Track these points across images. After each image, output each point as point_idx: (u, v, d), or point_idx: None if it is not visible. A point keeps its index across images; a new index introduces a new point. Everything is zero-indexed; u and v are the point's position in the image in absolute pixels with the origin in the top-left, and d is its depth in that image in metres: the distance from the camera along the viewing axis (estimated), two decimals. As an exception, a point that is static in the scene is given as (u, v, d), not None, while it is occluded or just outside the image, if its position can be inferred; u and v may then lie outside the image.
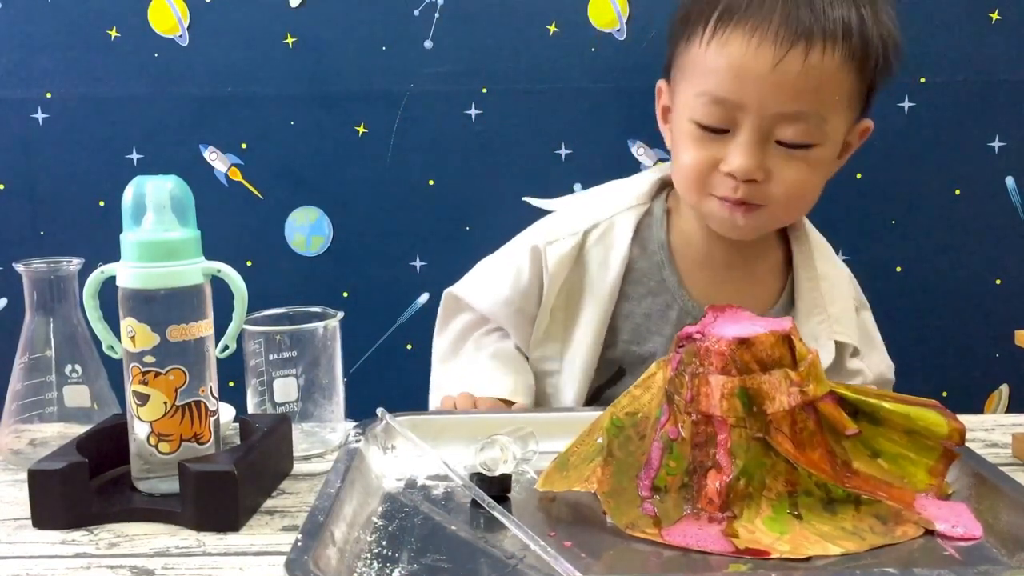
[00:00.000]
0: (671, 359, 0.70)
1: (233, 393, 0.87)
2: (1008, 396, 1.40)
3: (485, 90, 1.34)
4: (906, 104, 1.33)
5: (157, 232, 0.70)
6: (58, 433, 0.82)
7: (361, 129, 1.36)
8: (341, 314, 0.85)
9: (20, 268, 0.82)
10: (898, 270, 1.38)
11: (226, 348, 0.75)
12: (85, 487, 0.69)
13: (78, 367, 0.83)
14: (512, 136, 1.35)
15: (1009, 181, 1.36)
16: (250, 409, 0.84)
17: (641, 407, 0.71)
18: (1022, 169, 1.35)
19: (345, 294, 1.39)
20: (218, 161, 1.36)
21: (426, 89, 1.34)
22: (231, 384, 0.93)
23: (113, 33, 1.34)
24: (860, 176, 1.35)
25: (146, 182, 0.70)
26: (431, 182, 1.37)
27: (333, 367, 0.85)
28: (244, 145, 1.36)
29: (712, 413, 0.67)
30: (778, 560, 0.62)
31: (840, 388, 0.71)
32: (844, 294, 1.04)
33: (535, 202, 1.10)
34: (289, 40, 1.34)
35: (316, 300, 0.89)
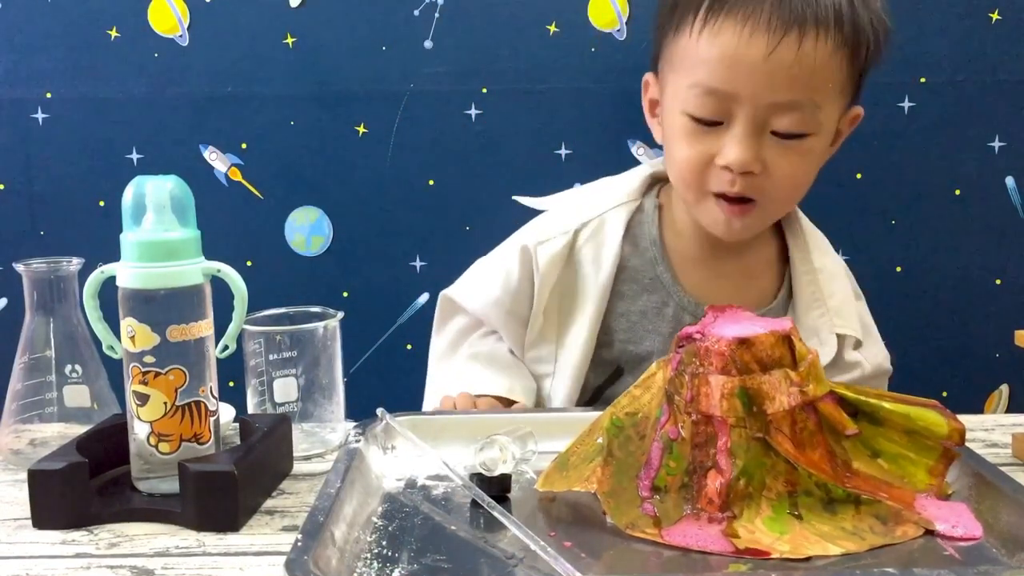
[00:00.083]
0: (671, 359, 0.70)
1: (233, 393, 0.87)
2: (1008, 396, 1.40)
3: (485, 90, 1.34)
4: (906, 104, 1.33)
5: (157, 232, 0.70)
6: (58, 433, 0.82)
7: (361, 129, 1.36)
8: (341, 314, 0.85)
9: (20, 268, 0.82)
10: (898, 270, 1.38)
11: (226, 348, 0.75)
12: (85, 487, 0.69)
13: (78, 367, 0.83)
14: (512, 136, 1.35)
15: (1009, 181, 1.36)
16: (250, 409, 0.83)
17: (641, 407, 0.71)
18: (1022, 169, 1.35)
19: (345, 294, 1.39)
20: (218, 161, 1.36)
21: (426, 89, 1.34)
22: (231, 384, 0.93)
23: (113, 33, 1.34)
24: (860, 176, 1.35)
25: (146, 182, 0.70)
26: (431, 182, 1.37)
27: (333, 367, 0.85)
28: (244, 145, 1.36)
29: (712, 413, 0.67)
30: (778, 560, 0.62)
31: (840, 388, 0.70)
32: (843, 286, 1.03)
33: (524, 201, 1.09)
34: (289, 40, 1.34)
35: (316, 300, 0.89)
